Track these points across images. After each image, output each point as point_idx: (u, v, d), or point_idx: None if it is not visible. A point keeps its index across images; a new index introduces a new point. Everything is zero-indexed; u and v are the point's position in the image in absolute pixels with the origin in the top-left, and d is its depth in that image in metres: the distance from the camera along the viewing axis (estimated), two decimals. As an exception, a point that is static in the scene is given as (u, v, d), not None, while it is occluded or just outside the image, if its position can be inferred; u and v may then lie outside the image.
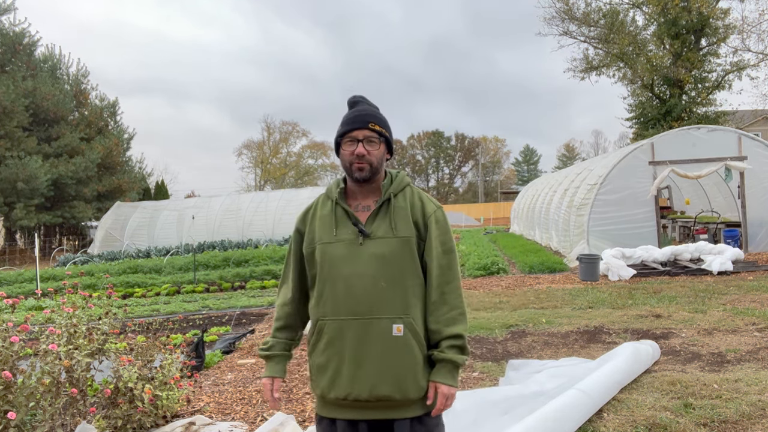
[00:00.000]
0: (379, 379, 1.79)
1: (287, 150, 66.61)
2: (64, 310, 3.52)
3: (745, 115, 34.49)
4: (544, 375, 4.09)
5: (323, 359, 1.86)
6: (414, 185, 2.02)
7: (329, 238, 1.89)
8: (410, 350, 1.82)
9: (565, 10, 26.93)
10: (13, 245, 24.55)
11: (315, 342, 1.89)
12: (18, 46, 24.19)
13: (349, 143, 1.90)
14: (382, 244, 1.85)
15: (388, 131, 1.97)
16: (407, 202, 1.93)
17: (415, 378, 1.82)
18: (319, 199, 2.03)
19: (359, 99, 2.02)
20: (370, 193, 1.95)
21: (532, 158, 79.90)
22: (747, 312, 6.44)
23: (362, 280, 1.82)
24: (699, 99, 24.82)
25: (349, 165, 1.90)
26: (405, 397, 1.82)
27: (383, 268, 1.83)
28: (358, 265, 1.84)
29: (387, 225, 1.87)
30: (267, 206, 21.54)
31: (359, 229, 1.87)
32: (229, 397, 4.41)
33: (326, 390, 1.86)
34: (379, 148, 1.92)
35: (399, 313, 1.82)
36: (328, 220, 1.92)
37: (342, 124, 1.94)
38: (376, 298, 1.82)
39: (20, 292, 11.61)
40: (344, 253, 1.86)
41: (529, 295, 8.43)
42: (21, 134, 22.78)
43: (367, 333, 1.81)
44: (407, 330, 1.82)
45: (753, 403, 3.58)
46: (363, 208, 1.93)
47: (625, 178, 11.84)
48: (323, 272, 1.88)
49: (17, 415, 2.99)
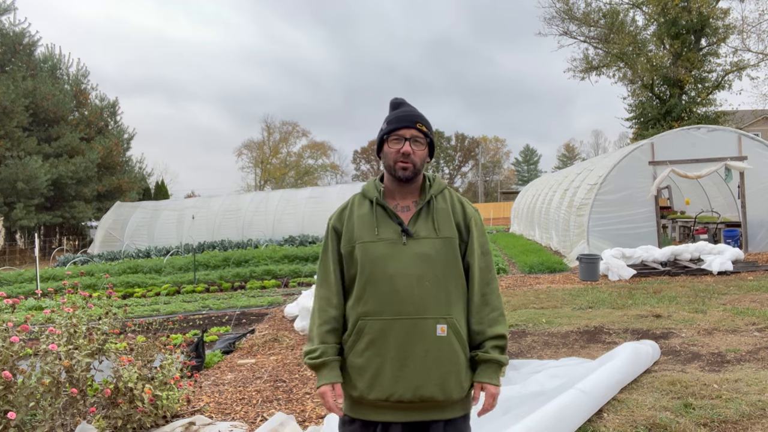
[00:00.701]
0: (424, 380, 1.78)
1: (287, 150, 66.64)
2: (64, 310, 3.52)
3: (745, 115, 34.49)
4: (544, 375, 4.09)
5: (363, 360, 1.83)
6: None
7: (371, 237, 1.87)
8: (454, 351, 1.82)
9: (565, 10, 26.96)
10: (13, 245, 24.55)
11: (354, 342, 1.86)
12: (18, 46, 24.19)
13: (395, 141, 1.90)
14: (425, 244, 1.85)
15: (432, 134, 1.98)
16: (448, 204, 1.94)
17: (458, 379, 1.82)
18: (355, 198, 2.01)
19: (402, 101, 2.03)
20: (409, 194, 1.95)
21: (532, 158, 79.92)
22: (747, 312, 6.44)
23: (407, 280, 1.81)
24: (699, 99, 24.83)
25: (393, 163, 1.89)
26: (448, 398, 1.81)
27: (427, 268, 1.82)
28: (403, 264, 1.82)
29: (430, 225, 1.87)
30: (267, 206, 21.54)
31: (403, 229, 1.86)
32: (229, 397, 4.41)
33: (366, 391, 1.82)
34: (424, 149, 1.92)
35: (443, 313, 1.82)
36: (368, 219, 1.90)
37: (388, 122, 1.94)
38: (421, 298, 1.80)
39: (20, 292, 11.61)
40: (387, 252, 1.84)
41: (529, 295, 8.43)
42: (21, 134, 22.77)
43: (412, 333, 1.79)
44: (450, 330, 1.82)
45: (753, 403, 3.58)
46: (403, 209, 1.93)
47: (625, 178, 11.84)
48: (364, 271, 1.85)
49: (17, 415, 2.99)
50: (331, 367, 1.88)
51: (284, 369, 5.11)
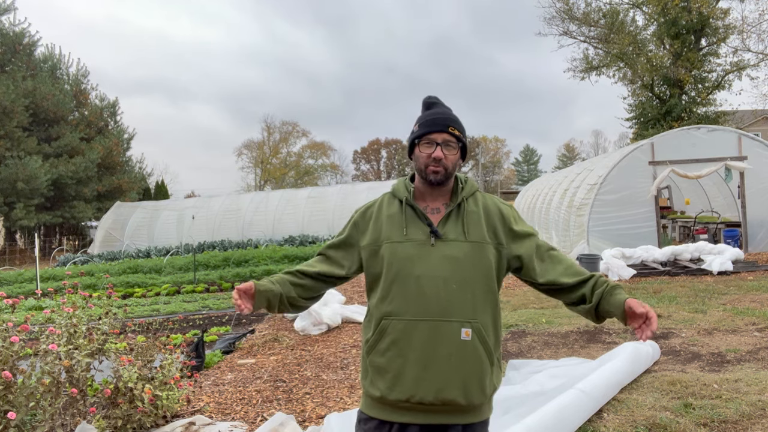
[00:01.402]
0: (447, 383, 1.76)
1: (287, 150, 66.65)
2: (64, 310, 3.52)
3: (745, 115, 34.49)
4: (544, 375, 4.09)
5: (385, 360, 1.81)
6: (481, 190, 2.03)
7: (399, 238, 1.86)
8: (477, 355, 1.80)
9: (565, 10, 26.96)
10: (13, 245, 24.55)
11: (376, 341, 1.84)
12: (18, 46, 24.19)
13: (426, 145, 1.87)
14: (453, 246, 1.83)
15: (465, 136, 1.95)
16: (479, 207, 1.91)
17: (481, 384, 1.80)
18: (384, 197, 2.00)
19: (435, 100, 2.01)
20: (439, 196, 1.93)
21: (532, 158, 79.94)
22: (747, 312, 6.44)
23: (434, 282, 1.79)
24: (699, 99, 24.83)
25: (424, 167, 1.87)
26: (469, 402, 1.79)
27: (455, 271, 1.80)
28: (430, 266, 1.81)
29: (459, 228, 1.85)
30: (267, 206, 21.54)
31: (432, 230, 1.84)
32: (229, 397, 4.41)
33: (387, 391, 1.80)
34: (456, 153, 1.89)
35: (468, 317, 1.80)
36: (397, 219, 1.89)
37: (420, 125, 1.92)
38: (447, 301, 1.79)
39: (20, 292, 11.61)
40: (415, 253, 1.83)
41: (529, 295, 8.43)
42: (21, 134, 22.77)
43: (436, 335, 1.77)
44: (475, 335, 1.80)
45: (753, 403, 3.58)
46: (432, 210, 1.91)
47: (625, 178, 11.84)
48: (391, 271, 1.84)
49: (17, 415, 2.99)
50: (263, 283, 1.89)
51: (284, 369, 5.11)
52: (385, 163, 78.33)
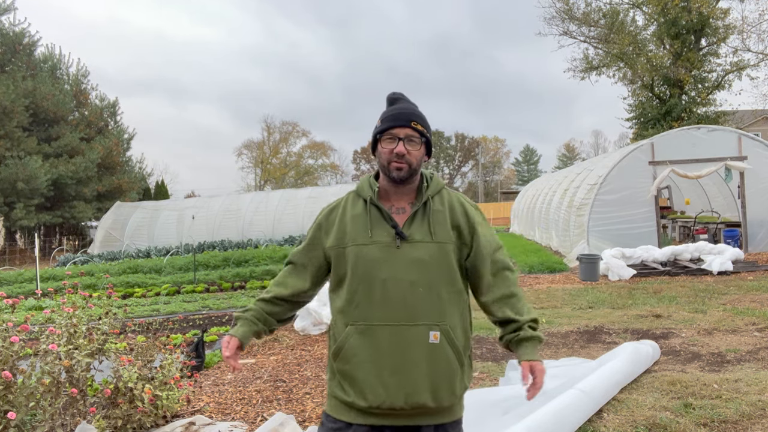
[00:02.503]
0: (416, 387, 1.74)
1: (287, 150, 66.65)
2: (64, 310, 3.52)
3: (745, 115, 34.49)
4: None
5: (352, 367, 1.78)
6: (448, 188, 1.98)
7: (364, 240, 1.81)
8: (446, 358, 1.78)
9: (565, 10, 26.96)
10: (13, 245, 24.55)
11: (342, 347, 1.81)
12: (18, 46, 24.19)
13: (388, 141, 1.83)
14: (420, 248, 1.79)
15: (429, 132, 1.90)
16: (445, 206, 1.88)
17: (450, 386, 1.79)
18: (348, 196, 1.94)
19: (400, 96, 1.96)
20: (404, 195, 1.88)
21: (532, 158, 79.92)
22: (747, 312, 6.44)
23: (400, 285, 1.76)
24: (699, 99, 24.82)
25: (387, 163, 1.83)
26: (439, 405, 1.78)
27: (422, 274, 1.77)
28: (396, 269, 1.77)
29: (425, 229, 1.81)
30: (267, 206, 21.54)
31: (397, 232, 1.80)
32: (229, 397, 4.41)
33: (357, 398, 1.77)
34: (419, 149, 1.85)
35: (436, 320, 1.77)
36: (362, 221, 1.84)
37: (382, 120, 1.87)
38: (414, 305, 1.75)
39: (20, 292, 11.61)
40: (380, 256, 1.78)
41: (529, 295, 8.43)
42: (21, 134, 22.77)
43: (403, 340, 1.74)
44: (443, 337, 1.78)
45: (753, 403, 3.58)
46: (398, 210, 1.86)
47: (625, 178, 11.84)
48: (356, 275, 1.80)
49: (17, 415, 2.99)
50: (242, 323, 1.91)
51: (284, 369, 5.11)
52: (385, 163, 78.22)
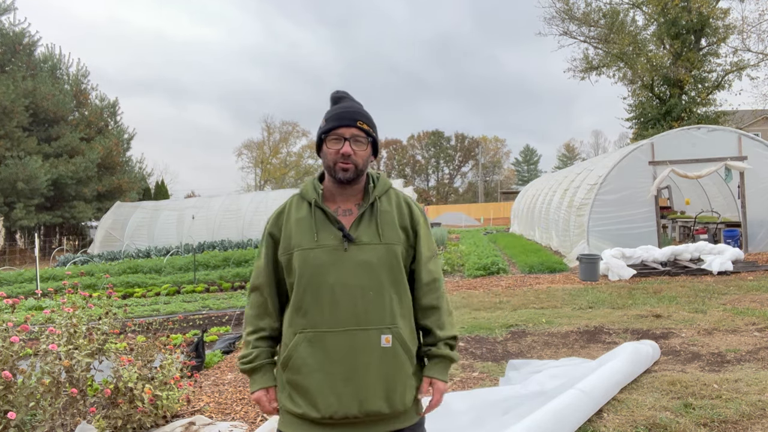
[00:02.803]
0: (369, 394, 1.69)
1: (287, 150, 66.69)
2: (64, 310, 3.52)
3: (745, 115, 34.49)
4: (544, 375, 4.09)
5: (302, 376, 1.72)
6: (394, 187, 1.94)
7: (310, 244, 1.75)
8: (399, 361, 1.74)
9: (565, 10, 26.96)
10: (13, 245, 24.54)
11: (291, 356, 1.74)
12: (18, 46, 24.19)
13: (334, 141, 1.78)
14: (368, 251, 1.74)
15: (375, 132, 1.86)
16: (392, 206, 1.84)
17: (404, 390, 1.75)
18: (293, 200, 1.88)
19: (344, 94, 1.90)
20: (351, 196, 1.84)
21: (532, 158, 79.90)
22: (747, 312, 6.44)
23: (349, 290, 1.71)
24: (699, 99, 24.82)
25: (333, 164, 1.78)
26: (394, 411, 1.73)
27: (371, 277, 1.73)
28: (344, 273, 1.72)
29: (373, 230, 1.77)
30: (267, 206, 21.53)
31: (344, 235, 1.74)
32: (229, 397, 4.41)
33: (309, 410, 1.70)
34: (366, 149, 1.81)
35: (387, 323, 1.73)
36: (307, 224, 1.78)
37: (327, 119, 1.82)
38: (364, 309, 1.71)
39: (20, 292, 11.61)
40: (327, 260, 1.73)
41: (529, 295, 8.43)
42: (21, 134, 22.77)
43: (354, 346, 1.70)
44: (395, 340, 1.73)
45: (753, 403, 3.58)
46: (344, 212, 1.81)
47: (625, 178, 11.84)
48: (303, 281, 1.74)
49: (17, 415, 2.99)
50: (264, 371, 1.82)
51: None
52: (386, 163, 78.35)
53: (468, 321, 6.73)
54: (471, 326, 6.40)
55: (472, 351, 5.39)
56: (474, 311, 7.37)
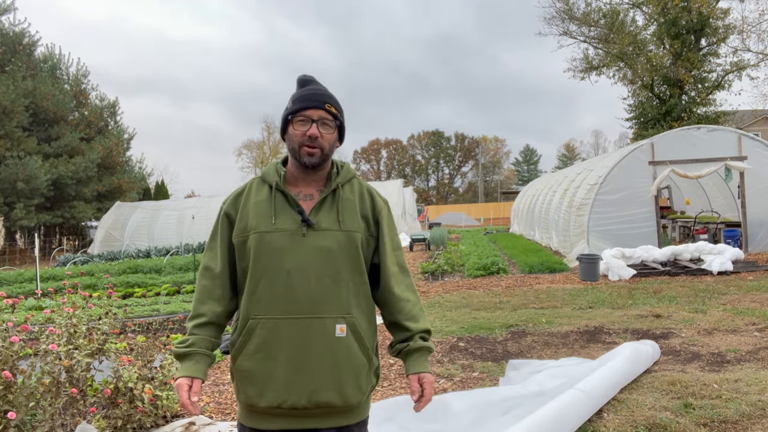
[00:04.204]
0: (320, 384, 1.65)
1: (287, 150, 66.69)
2: (64, 310, 3.52)
3: (745, 115, 34.49)
4: (544, 375, 4.09)
5: (252, 363, 1.67)
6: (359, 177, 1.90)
7: (267, 227, 1.69)
8: (353, 352, 1.69)
9: (565, 10, 26.98)
10: (13, 245, 24.54)
11: (243, 343, 1.69)
12: (18, 46, 24.19)
13: (300, 123, 1.72)
14: (327, 237, 1.69)
15: (343, 116, 1.81)
16: (355, 195, 1.80)
17: (357, 382, 1.70)
18: (253, 182, 1.83)
19: (311, 78, 1.85)
20: (313, 181, 1.79)
21: (532, 158, 79.91)
22: (747, 312, 6.44)
23: (305, 276, 1.66)
24: (699, 99, 24.84)
25: (298, 147, 1.72)
26: (346, 403, 1.69)
27: (328, 264, 1.68)
28: (301, 258, 1.67)
29: (333, 217, 1.72)
30: (267, 206, 21.53)
31: (303, 219, 1.70)
32: (229, 397, 4.41)
33: (257, 398, 1.67)
34: (333, 133, 1.77)
35: (342, 312, 1.68)
36: (265, 207, 1.73)
37: (294, 101, 1.76)
38: (320, 296, 1.66)
39: (20, 292, 11.61)
40: (285, 244, 1.67)
41: (529, 295, 8.43)
42: (21, 134, 22.77)
43: (308, 334, 1.65)
44: (350, 331, 1.69)
45: (753, 403, 3.58)
46: (305, 197, 1.76)
47: (625, 178, 11.85)
48: (258, 265, 1.68)
49: (17, 415, 2.99)
50: (197, 360, 1.70)
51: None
52: (386, 163, 78.37)
53: (468, 321, 6.73)
54: (471, 326, 6.40)
55: (472, 351, 5.39)
56: (474, 311, 7.37)
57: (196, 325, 1.74)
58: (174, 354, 1.71)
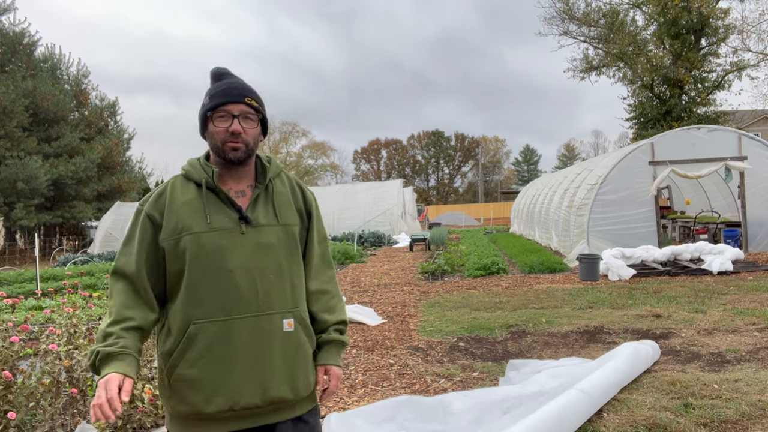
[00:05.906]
0: (273, 381, 1.64)
1: (287, 150, 66.72)
2: (64, 310, 3.52)
3: (745, 115, 34.49)
4: (544, 375, 4.09)
5: (197, 370, 1.60)
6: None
7: (202, 227, 1.64)
8: (302, 345, 1.71)
9: (565, 10, 26.98)
10: (13, 245, 24.54)
11: (184, 351, 1.61)
12: (18, 46, 24.19)
13: (221, 119, 1.67)
14: (267, 232, 1.68)
15: (264, 109, 1.77)
16: (287, 188, 1.80)
17: (306, 374, 1.72)
18: (175, 180, 1.75)
19: (226, 71, 1.79)
20: (242, 177, 1.75)
21: (532, 158, 79.90)
22: (747, 312, 6.44)
23: (249, 274, 1.63)
24: (699, 99, 24.84)
25: (222, 144, 1.67)
26: (297, 396, 1.69)
27: (271, 259, 1.67)
28: (244, 257, 1.64)
29: (270, 212, 1.71)
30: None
31: (241, 216, 1.66)
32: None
33: (203, 405, 1.60)
34: (255, 127, 1.73)
35: (289, 306, 1.69)
36: (196, 206, 1.66)
37: (211, 96, 1.70)
38: (266, 293, 1.65)
39: (20, 292, 11.60)
40: (224, 243, 1.63)
41: (529, 295, 8.43)
42: (21, 134, 22.77)
43: (257, 332, 1.62)
44: (297, 324, 1.70)
45: (753, 403, 3.58)
46: (237, 194, 1.72)
47: (625, 178, 11.84)
48: (196, 267, 1.62)
49: (17, 415, 2.99)
50: (129, 362, 1.56)
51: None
52: (386, 163, 78.37)
53: (468, 321, 6.73)
54: (471, 326, 6.40)
55: (472, 351, 5.39)
56: (474, 311, 7.37)
57: (124, 328, 1.60)
58: (101, 354, 1.54)
